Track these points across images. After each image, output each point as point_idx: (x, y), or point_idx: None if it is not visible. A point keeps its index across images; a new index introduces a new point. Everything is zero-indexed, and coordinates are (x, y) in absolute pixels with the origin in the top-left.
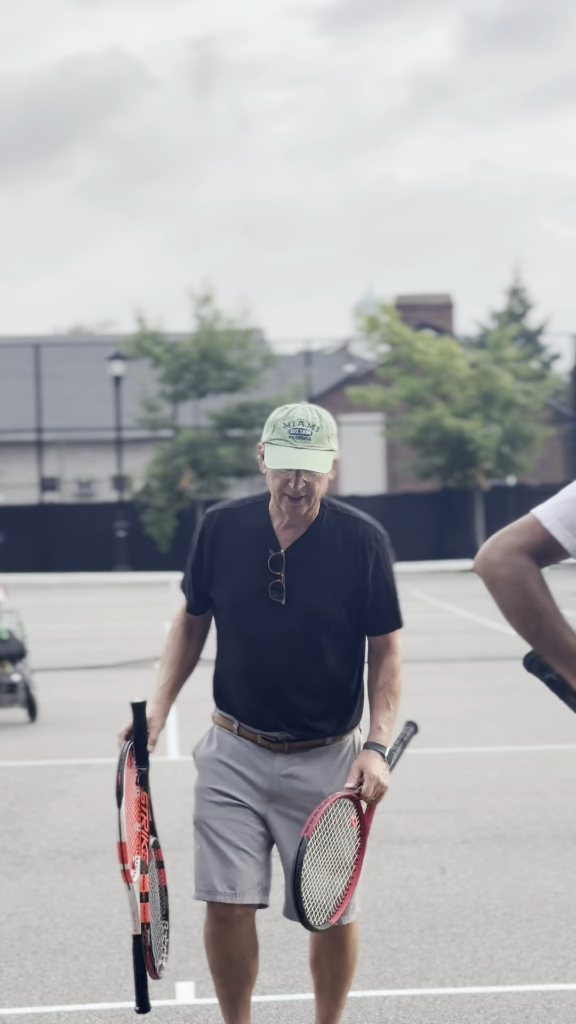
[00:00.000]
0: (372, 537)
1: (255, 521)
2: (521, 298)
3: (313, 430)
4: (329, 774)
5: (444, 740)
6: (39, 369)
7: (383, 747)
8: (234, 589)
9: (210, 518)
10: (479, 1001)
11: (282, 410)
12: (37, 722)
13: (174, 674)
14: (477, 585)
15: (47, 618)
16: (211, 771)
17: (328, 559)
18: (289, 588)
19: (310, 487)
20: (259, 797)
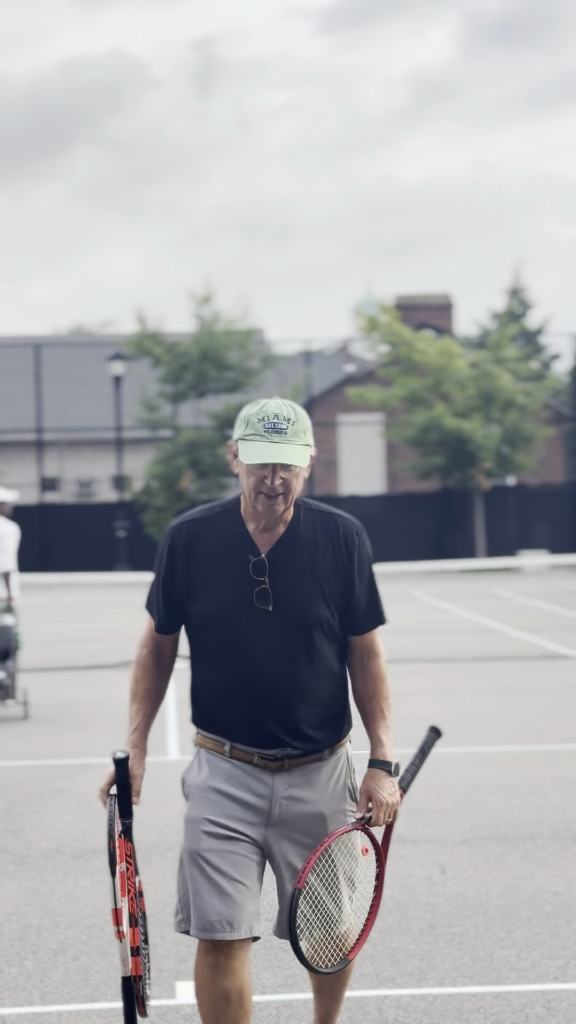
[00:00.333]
0: (353, 531)
1: (229, 528)
2: (521, 298)
3: (289, 424)
4: (327, 791)
5: (444, 740)
6: (39, 369)
7: (388, 763)
8: (217, 601)
9: (179, 530)
10: (479, 1001)
11: (254, 405)
12: (37, 722)
13: (148, 711)
14: (477, 585)
15: (47, 618)
16: (204, 800)
17: (312, 558)
18: (276, 593)
19: (287, 484)
20: (257, 822)
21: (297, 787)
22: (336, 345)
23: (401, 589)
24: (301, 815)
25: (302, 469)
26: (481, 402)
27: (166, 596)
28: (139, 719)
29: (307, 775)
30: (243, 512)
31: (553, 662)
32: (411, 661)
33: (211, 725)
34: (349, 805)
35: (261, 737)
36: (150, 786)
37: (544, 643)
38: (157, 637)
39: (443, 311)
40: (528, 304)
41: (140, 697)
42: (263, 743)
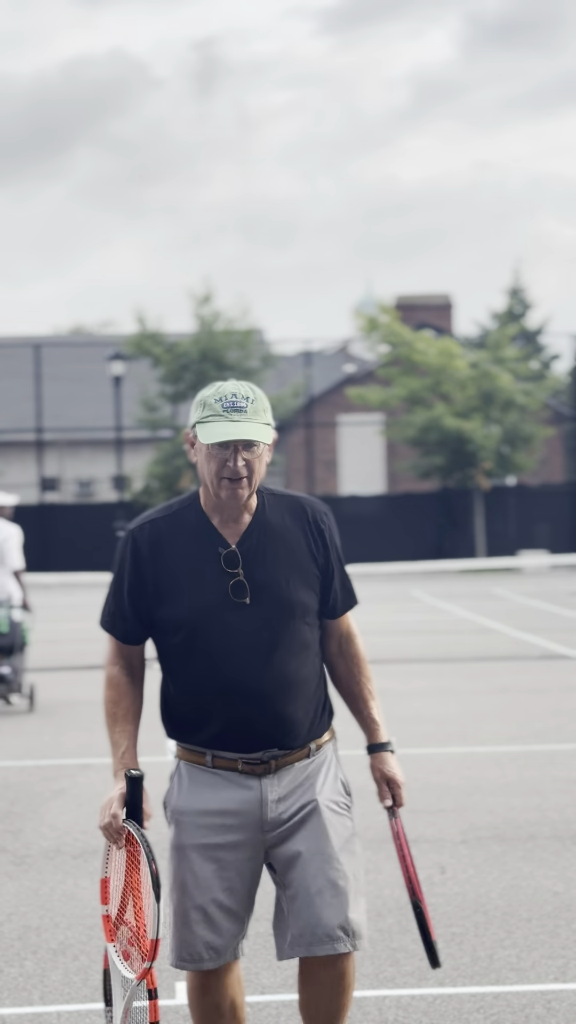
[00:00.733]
0: (321, 512)
1: (191, 523)
2: (521, 298)
3: (248, 402)
4: (317, 787)
5: (444, 740)
6: (39, 369)
7: (389, 744)
8: (190, 600)
9: (139, 532)
10: (479, 1001)
11: (210, 387)
12: (37, 722)
13: (132, 731)
14: (477, 585)
15: (47, 618)
16: (191, 825)
17: (284, 544)
18: (251, 584)
19: (250, 466)
20: (250, 833)
21: (287, 788)
22: (336, 345)
23: (401, 589)
24: (295, 815)
25: (264, 450)
26: (481, 402)
27: (134, 604)
28: (125, 741)
29: (295, 774)
30: (204, 505)
31: (553, 662)
32: (411, 661)
33: (189, 735)
34: (343, 798)
35: (244, 741)
36: (150, 786)
37: (544, 643)
38: (126, 651)
39: (443, 311)
40: (528, 304)
41: (122, 718)
42: (246, 747)
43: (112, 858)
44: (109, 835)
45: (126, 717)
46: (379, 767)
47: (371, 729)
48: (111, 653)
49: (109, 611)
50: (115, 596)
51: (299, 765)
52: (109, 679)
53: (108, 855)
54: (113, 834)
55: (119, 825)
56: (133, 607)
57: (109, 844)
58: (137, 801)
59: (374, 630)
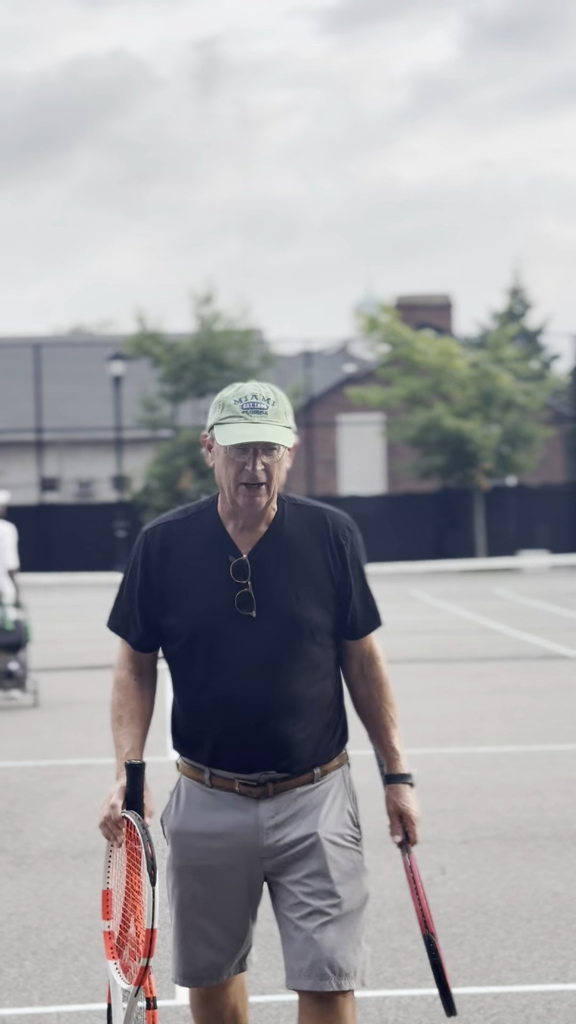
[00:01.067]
0: (344, 527)
1: (205, 529)
2: (521, 298)
3: (269, 404)
4: (320, 816)
5: (444, 740)
6: (39, 369)
7: (408, 776)
8: (194, 610)
9: (151, 535)
10: (479, 1001)
11: (229, 388)
12: (37, 722)
13: (138, 733)
14: (477, 585)
15: (47, 618)
16: (187, 847)
17: (299, 558)
18: (259, 596)
19: (269, 471)
20: (247, 856)
21: (285, 814)
22: (336, 345)
23: (401, 589)
24: (293, 843)
25: (285, 456)
26: (481, 402)
27: (143, 608)
28: (130, 742)
29: (295, 801)
30: (220, 511)
31: (553, 662)
32: (411, 661)
33: (190, 750)
34: (349, 830)
35: (242, 760)
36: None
37: (544, 643)
38: (136, 656)
39: (443, 311)
40: (528, 304)
41: (127, 720)
42: (243, 767)
43: (113, 863)
44: (108, 830)
45: (132, 719)
46: (395, 800)
47: (390, 758)
48: (121, 657)
49: (120, 614)
50: (126, 599)
51: (300, 791)
52: (117, 682)
53: (109, 860)
54: (112, 827)
55: (118, 816)
56: (142, 612)
57: (110, 847)
58: (138, 792)
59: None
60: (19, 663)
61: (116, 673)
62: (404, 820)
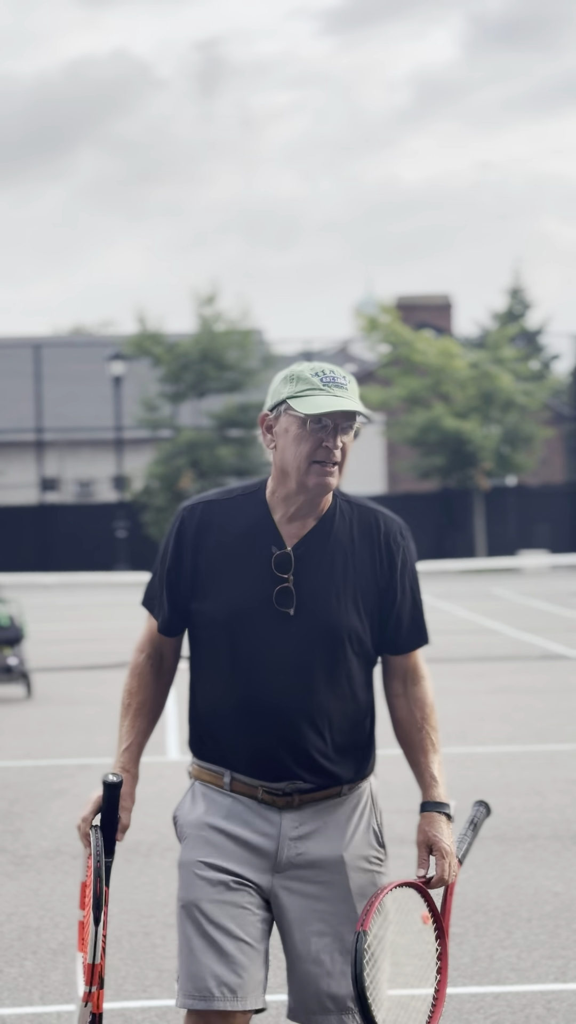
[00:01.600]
0: (397, 532)
1: (250, 514)
2: (521, 298)
3: (347, 380)
4: (346, 834)
5: (444, 740)
6: (39, 369)
7: (446, 805)
8: (229, 598)
9: (191, 512)
10: (479, 1001)
11: (299, 364)
12: (37, 722)
13: (143, 728)
14: (477, 585)
15: (47, 618)
16: (201, 840)
17: (346, 558)
18: (299, 594)
19: (344, 451)
20: (262, 868)
21: (309, 827)
22: (336, 345)
23: None
24: (314, 861)
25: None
26: (481, 402)
27: (171, 589)
28: (131, 737)
29: (321, 814)
30: (270, 496)
31: (553, 662)
32: None
33: (209, 752)
34: (375, 851)
35: (267, 766)
36: (150, 786)
37: (544, 643)
38: (158, 640)
39: (443, 311)
40: (528, 304)
41: (134, 711)
42: (269, 774)
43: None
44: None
45: (140, 711)
46: (428, 831)
47: (428, 785)
48: (142, 638)
49: (151, 592)
50: (158, 578)
51: (327, 804)
52: (133, 667)
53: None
54: (81, 838)
55: (85, 830)
56: (171, 593)
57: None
58: (111, 810)
59: None
60: (18, 658)
61: (134, 657)
62: (434, 853)
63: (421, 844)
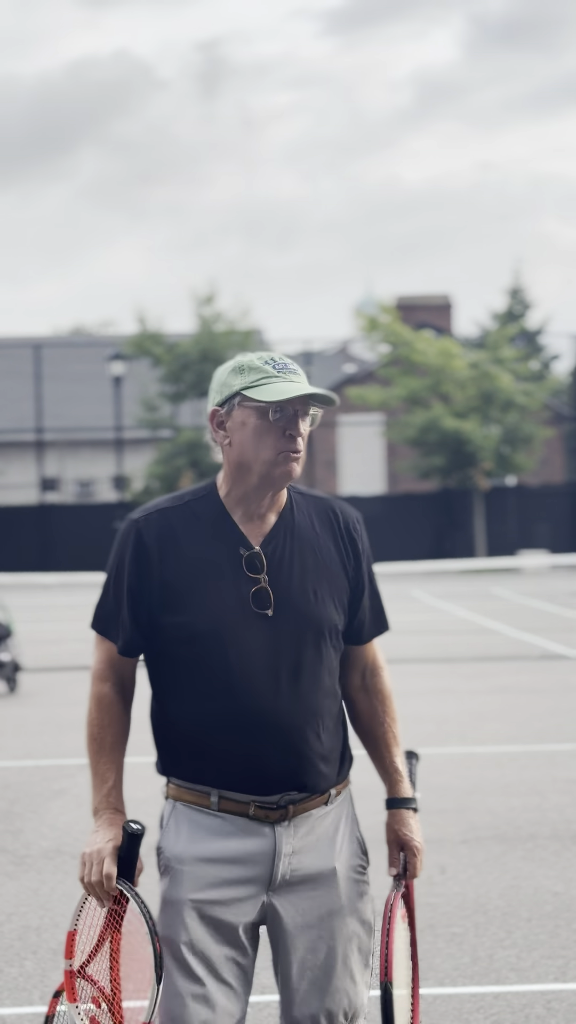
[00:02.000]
0: (354, 519)
1: (208, 517)
2: (521, 298)
3: (297, 367)
4: (337, 845)
5: (444, 740)
6: (39, 369)
7: (412, 800)
8: (207, 607)
9: (147, 522)
10: (479, 1001)
11: (244, 355)
12: (37, 722)
13: (120, 763)
14: (476, 585)
15: (47, 618)
16: (190, 876)
17: (315, 551)
18: (277, 593)
19: (304, 439)
20: (257, 890)
21: (302, 842)
22: (336, 345)
23: (401, 589)
24: (308, 876)
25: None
26: (481, 402)
27: (135, 607)
28: (113, 775)
29: (313, 826)
30: (226, 497)
31: (553, 662)
32: (411, 661)
33: (192, 771)
34: (360, 861)
35: (259, 780)
36: (148, 786)
37: (544, 643)
38: (119, 663)
39: (443, 311)
40: (527, 304)
41: (109, 747)
42: (262, 788)
43: (87, 911)
44: (95, 894)
45: (115, 746)
46: (397, 828)
47: (393, 780)
48: (101, 666)
49: (105, 614)
50: (113, 597)
51: (317, 814)
52: (98, 699)
53: (82, 907)
54: (102, 895)
55: (111, 887)
56: (133, 612)
57: (87, 895)
58: (132, 859)
59: None
60: (10, 654)
61: (96, 687)
62: (405, 851)
63: (392, 842)
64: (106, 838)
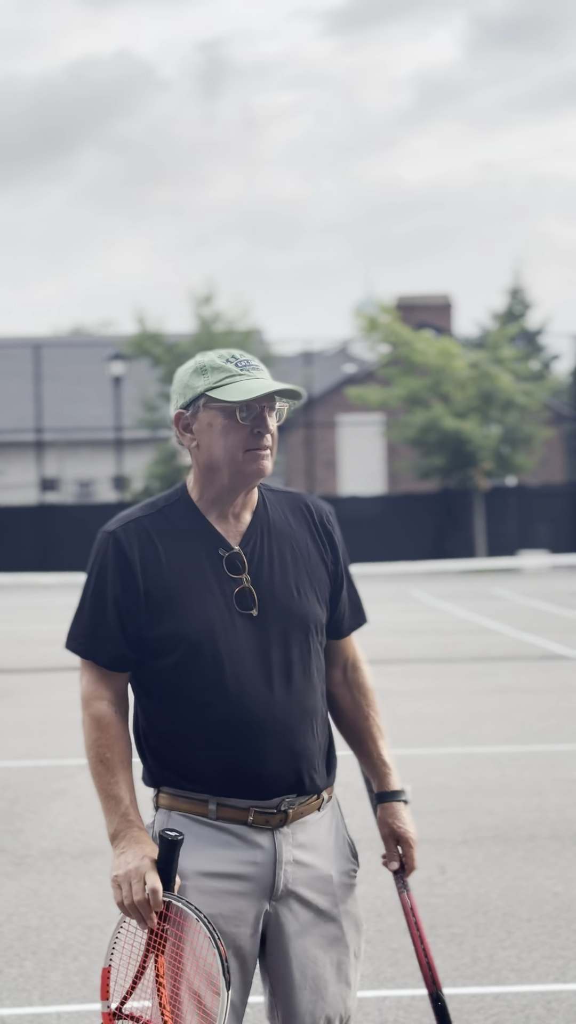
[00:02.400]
0: (327, 512)
1: (182, 522)
2: (521, 298)
3: (259, 362)
4: (332, 848)
5: (444, 740)
6: (39, 369)
7: (402, 793)
8: (190, 613)
9: (125, 533)
10: (479, 1001)
11: (203, 355)
12: (37, 722)
13: (131, 780)
14: (477, 585)
15: (47, 618)
16: (192, 890)
17: (293, 546)
18: (260, 593)
19: (274, 436)
20: (258, 899)
21: (303, 847)
22: (336, 345)
23: (401, 589)
24: (308, 882)
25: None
26: (481, 402)
27: (122, 621)
28: (128, 794)
29: (308, 830)
30: (198, 500)
31: (553, 662)
32: (411, 661)
33: (186, 780)
34: (352, 865)
35: (258, 783)
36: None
37: (544, 643)
38: (110, 679)
39: (443, 311)
40: (527, 304)
41: (118, 766)
42: (260, 791)
43: (122, 942)
44: (140, 914)
45: (122, 764)
46: (389, 821)
47: (382, 773)
48: (92, 687)
49: (86, 632)
50: (95, 613)
51: (311, 820)
52: (96, 720)
53: (116, 937)
54: (148, 913)
55: (158, 902)
56: (121, 624)
57: (120, 924)
58: (172, 870)
59: (374, 630)
60: None
61: (90, 708)
62: (402, 844)
63: (388, 837)
64: (139, 855)
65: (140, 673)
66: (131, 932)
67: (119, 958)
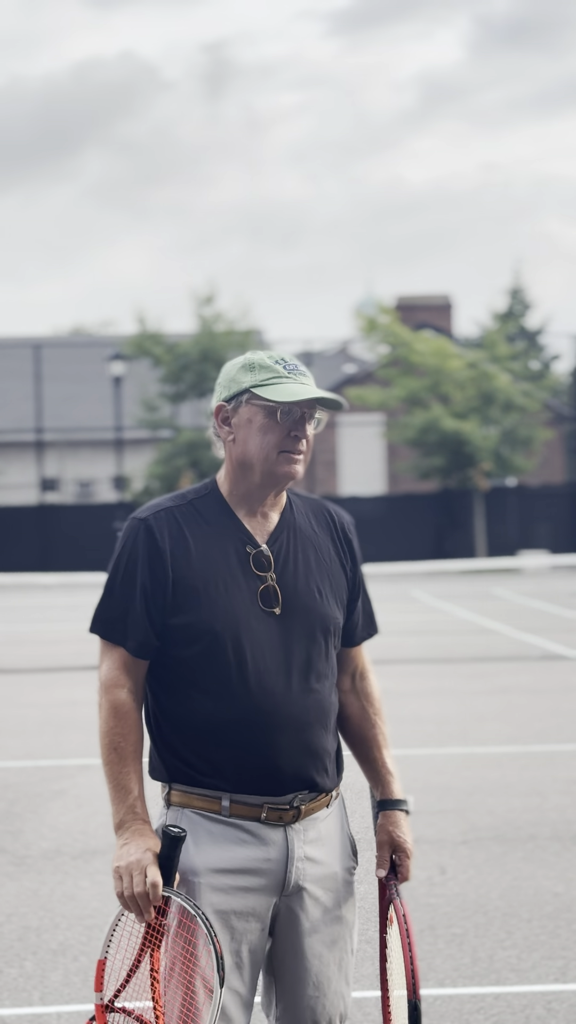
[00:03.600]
0: (348, 522)
1: (212, 516)
2: (521, 298)
3: (306, 370)
4: (338, 846)
5: (444, 740)
6: (39, 369)
7: (404, 801)
8: (214, 606)
9: (156, 520)
10: (479, 1001)
11: (254, 353)
12: (37, 722)
13: (140, 771)
14: (477, 585)
15: (47, 618)
16: (205, 887)
17: (317, 550)
18: (284, 592)
19: (309, 441)
20: (269, 895)
21: (312, 843)
22: (336, 346)
23: (401, 589)
24: (317, 879)
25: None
26: (480, 403)
27: (149, 607)
28: (137, 785)
29: (319, 826)
30: (229, 495)
31: (553, 662)
32: (411, 662)
33: (199, 775)
34: (353, 863)
35: (273, 779)
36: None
37: (544, 643)
38: (134, 667)
39: (443, 311)
40: (528, 304)
41: (131, 756)
42: (275, 787)
43: (120, 934)
44: (138, 907)
45: (135, 755)
46: (390, 829)
47: (385, 781)
48: (114, 673)
49: (114, 616)
50: (124, 598)
51: (321, 816)
52: (114, 707)
53: (114, 931)
54: (147, 906)
55: (157, 896)
56: (148, 611)
57: (119, 917)
58: (173, 866)
59: None
60: None
61: (109, 695)
62: (398, 853)
63: (384, 844)
64: (142, 848)
65: (158, 664)
66: (128, 925)
67: (115, 950)
